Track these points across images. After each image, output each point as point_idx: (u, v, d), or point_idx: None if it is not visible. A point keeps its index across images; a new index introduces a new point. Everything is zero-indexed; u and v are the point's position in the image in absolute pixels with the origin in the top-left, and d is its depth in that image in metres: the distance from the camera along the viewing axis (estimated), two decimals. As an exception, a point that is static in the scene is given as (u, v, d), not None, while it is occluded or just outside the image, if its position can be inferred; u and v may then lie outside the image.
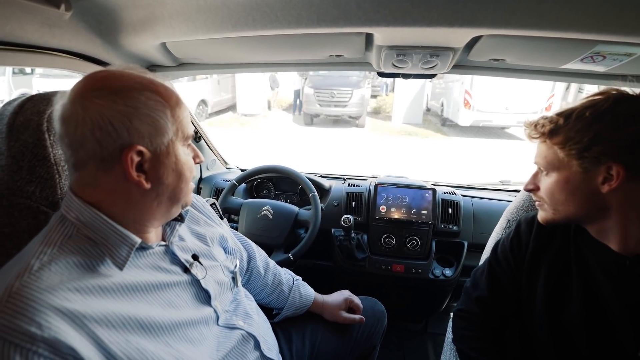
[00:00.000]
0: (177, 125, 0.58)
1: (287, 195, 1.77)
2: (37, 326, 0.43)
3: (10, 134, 0.64)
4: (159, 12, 0.87)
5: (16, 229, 0.64)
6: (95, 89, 0.52)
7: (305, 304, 1.03)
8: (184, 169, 0.60)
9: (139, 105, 0.53)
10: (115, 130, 0.51)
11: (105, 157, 0.52)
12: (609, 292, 0.68)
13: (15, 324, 0.42)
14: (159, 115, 0.55)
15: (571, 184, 0.67)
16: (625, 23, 0.72)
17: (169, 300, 0.60)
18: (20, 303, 0.44)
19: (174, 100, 0.58)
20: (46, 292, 0.46)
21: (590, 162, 0.63)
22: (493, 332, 0.85)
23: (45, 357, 0.43)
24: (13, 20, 0.74)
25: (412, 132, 8.66)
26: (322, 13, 0.80)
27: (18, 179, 0.64)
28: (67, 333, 0.45)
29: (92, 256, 0.53)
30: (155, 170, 0.56)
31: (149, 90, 0.55)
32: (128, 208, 0.56)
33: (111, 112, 0.51)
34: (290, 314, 1.02)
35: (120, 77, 0.54)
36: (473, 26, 0.78)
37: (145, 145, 0.54)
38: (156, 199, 0.58)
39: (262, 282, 1.00)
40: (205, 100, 9.21)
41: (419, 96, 9.47)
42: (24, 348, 0.42)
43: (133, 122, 0.52)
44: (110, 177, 0.54)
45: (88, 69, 0.99)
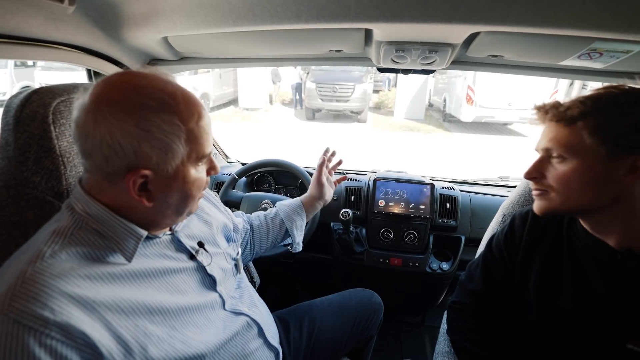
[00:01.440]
0: (192, 147, 0.56)
1: (287, 189, 1.79)
2: (50, 311, 0.45)
3: (17, 125, 0.65)
4: (161, 6, 0.88)
5: (23, 218, 0.65)
6: (111, 104, 0.50)
7: (296, 205, 1.08)
8: (192, 189, 0.59)
9: (152, 128, 0.51)
10: (122, 151, 0.50)
11: (110, 172, 0.52)
12: (599, 285, 0.69)
13: (29, 308, 0.44)
14: (172, 140, 0.53)
15: (592, 173, 0.63)
16: (621, 20, 0.73)
17: (176, 286, 0.62)
18: (33, 288, 0.45)
19: (194, 120, 0.55)
20: (58, 279, 0.48)
21: (621, 150, 0.60)
22: (486, 323, 0.87)
23: (57, 340, 0.45)
24: (18, 14, 0.75)
25: (413, 128, 8.65)
26: (322, 8, 0.81)
27: (25, 169, 0.66)
28: (79, 318, 0.47)
29: (100, 247, 0.54)
30: (160, 191, 0.56)
31: (167, 110, 0.52)
32: (131, 215, 0.57)
33: (121, 133, 0.50)
34: (298, 224, 1.06)
35: (141, 89, 0.52)
36: (470, 22, 0.79)
37: (152, 169, 0.53)
38: (159, 214, 0.59)
39: (267, 231, 1.04)
40: (207, 94, 9.21)
41: (421, 91, 9.44)
42: (37, 331, 0.44)
43: (142, 146, 0.51)
44: (114, 188, 0.54)
45: (91, 63, 1.00)
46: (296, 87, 9.96)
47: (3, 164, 0.67)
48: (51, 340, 0.44)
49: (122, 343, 0.51)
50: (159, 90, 0.53)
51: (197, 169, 0.60)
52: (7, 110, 0.67)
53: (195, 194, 0.61)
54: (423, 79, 9.20)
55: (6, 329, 0.43)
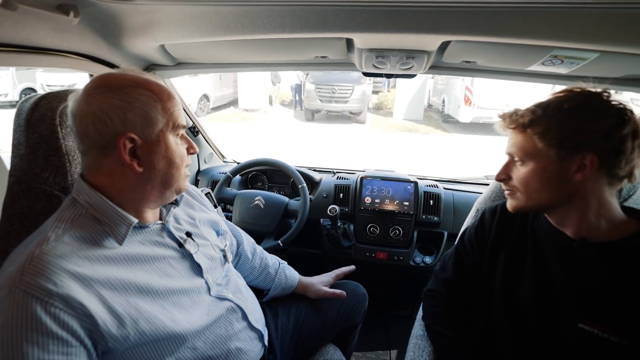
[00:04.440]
0: (167, 117, 0.66)
1: (279, 187, 1.86)
2: (53, 284, 0.53)
3: (28, 127, 0.73)
4: (158, 17, 0.96)
5: (33, 210, 0.73)
6: (97, 87, 0.62)
7: (290, 284, 1.13)
8: (174, 156, 0.68)
9: (132, 100, 0.62)
10: (111, 121, 0.60)
11: (104, 144, 0.62)
12: (557, 272, 0.76)
13: (36, 281, 0.52)
14: (150, 109, 0.63)
15: (547, 173, 0.71)
16: (573, 32, 0.81)
17: (164, 270, 0.70)
18: (40, 266, 0.53)
19: (165, 95, 0.66)
20: (60, 258, 0.56)
21: (568, 151, 0.67)
22: (457, 310, 0.94)
23: (59, 309, 0.52)
24: (28, 26, 0.83)
25: (412, 129, 8.71)
26: (304, 20, 0.88)
27: (35, 166, 0.73)
28: (77, 291, 0.55)
29: (97, 232, 0.63)
30: (147, 156, 0.64)
31: (142, 87, 0.64)
32: (125, 189, 0.65)
33: (108, 106, 0.60)
34: (277, 294, 1.12)
35: (119, 77, 0.64)
36: (438, 33, 0.87)
37: (137, 134, 0.62)
38: (149, 183, 0.67)
39: (250, 265, 1.10)
40: (207, 95, 9.29)
41: (420, 92, 9.49)
42: (43, 300, 0.52)
43: (126, 114, 0.61)
44: (109, 160, 0.63)
45: (94, 69, 1.08)
46: (295, 88, 10.03)
47: (15, 161, 0.75)
48: (55, 309, 0.52)
49: (116, 316, 0.58)
50: (133, 77, 0.65)
51: (176, 140, 0.69)
52: (19, 113, 0.75)
53: (179, 163, 0.70)
54: (422, 81, 9.26)
55: (17, 298, 0.51)
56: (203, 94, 9.06)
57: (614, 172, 0.67)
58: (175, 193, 0.73)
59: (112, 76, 0.64)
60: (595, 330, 0.68)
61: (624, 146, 0.64)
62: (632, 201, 0.91)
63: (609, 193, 0.70)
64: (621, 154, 0.65)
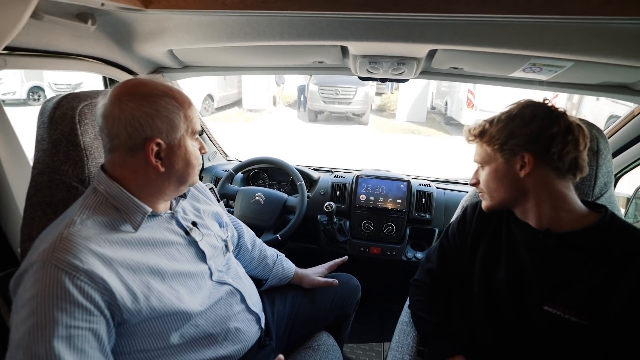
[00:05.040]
0: (188, 124, 0.74)
1: (280, 185, 1.94)
2: (80, 261, 0.61)
3: (51, 124, 0.81)
4: (167, 25, 1.04)
5: (54, 199, 0.81)
6: (129, 94, 0.69)
7: (287, 275, 1.21)
8: (191, 158, 0.77)
9: (160, 108, 0.70)
10: (141, 127, 0.68)
11: (133, 146, 0.69)
12: (526, 260, 0.83)
13: (65, 258, 0.60)
14: (174, 116, 0.71)
15: (499, 173, 0.83)
16: (546, 43, 0.89)
17: (173, 255, 0.78)
18: (68, 244, 0.61)
19: (186, 104, 0.75)
20: (85, 239, 0.64)
21: (509, 154, 0.80)
22: (440, 298, 1.01)
23: (84, 282, 0.60)
24: (51, 33, 0.92)
25: (415, 130, 8.77)
26: (301, 29, 0.97)
27: (56, 160, 0.81)
28: (99, 268, 0.63)
29: (116, 218, 0.71)
30: (169, 158, 0.73)
31: (167, 96, 0.71)
32: (145, 185, 0.74)
33: (139, 113, 0.68)
34: (275, 283, 1.19)
35: (147, 85, 0.71)
36: (424, 42, 0.95)
37: (163, 139, 0.70)
38: (167, 180, 0.75)
39: (250, 256, 1.18)
40: (212, 95, 9.40)
41: (423, 94, 9.55)
42: (71, 274, 0.59)
43: (155, 121, 0.69)
44: (135, 160, 0.71)
45: (107, 71, 1.17)
46: (300, 89, 10.12)
47: (39, 155, 0.83)
48: (80, 282, 0.60)
49: (131, 292, 0.66)
50: (159, 85, 0.73)
51: (193, 143, 0.78)
52: (43, 112, 0.84)
53: (194, 163, 0.78)
54: (425, 83, 9.31)
55: (49, 271, 0.59)
56: (207, 94, 9.17)
57: (555, 166, 0.76)
58: (188, 187, 0.82)
59: (141, 84, 0.72)
60: (558, 312, 0.75)
61: (553, 144, 0.74)
62: (604, 199, 0.97)
63: (563, 186, 0.78)
64: (553, 150, 0.75)
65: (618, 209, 1.00)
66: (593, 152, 0.94)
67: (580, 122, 0.78)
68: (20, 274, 0.62)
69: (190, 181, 0.80)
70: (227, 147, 2.19)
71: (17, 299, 0.60)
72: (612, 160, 0.99)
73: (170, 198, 0.82)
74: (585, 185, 0.96)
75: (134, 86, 0.71)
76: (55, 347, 0.55)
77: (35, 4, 0.71)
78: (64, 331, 0.57)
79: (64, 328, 0.57)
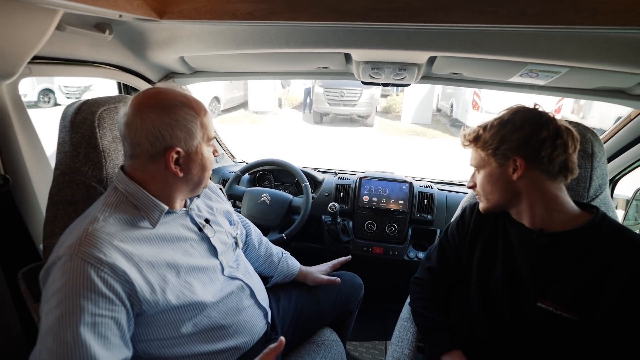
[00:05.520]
0: (204, 131, 0.79)
1: (285, 186, 1.99)
2: (103, 254, 0.66)
3: (72, 128, 0.87)
4: (179, 34, 1.10)
5: (74, 198, 0.87)
6: (150, 105, 0.74)
7: (291, 272, 1.25)
8: (207, 163, 0.82)
9: (179, 118, 0.75)
10: (162, 136, 0.73)
11: (154, 154, 0.74)
12: (521, 259, 0.87)
13: (90, 251, 0.65)
14: (192, 125, 0.76)
15: (493, 177, 0.87)
16: (541, 50, 0.92)
17: (187, 250, 0.83)
18: (93, 239, 0.67)
19: (202, 112, 0.79)
20: (108, 235, 0.69)
21: (502, 158, 0.84)
22: (440, 295, 1.05)
23: (108, 275, 0.65)
24: (71, 42, 0.98)
25: (420, 132, 8.78)
26: (306, 37, 1.01)
27: (76, 161, 0.87)
28: (121, 262, 0.68)
29: (135, 216, 0.76)
30: (187, 164, 0.78)
31: (186, 106, 0.76)
32: (163, 187, 0.79)
33: (160, 124, 0.73)
34: (280, 280, 1.24)
35: (167, 96, 0.76)
36: (423, 49, 0.99)
37: (181, 147, 0.75)
38: (185, 183, 0.81)
39: (256, 253, 1.23)
40: (218, 97, 9.50)
41: (428, 96, 9.56)
42: (95, 266, 0.65)
43: (174, 131, 0.74)
44: (155, 166, 0.76)
45: (123, 77, 1.23)
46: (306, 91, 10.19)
47: (61, 157, 0.89)
48: (104, 274, 0.65)
49: (149, 284, 0.71)
50: (178, 96, 0.77)
51: (208, 149, 0.83)
52: (64, 116, 0.89)
53: (209, 167, 0.84)
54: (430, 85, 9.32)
55: (76, 264, 0.64)
56: (214, 96, 9.27)
57: (545, 169, 0.80)
58: (202, 188, 0.87)
59: (161, 94, 0.76)
60: (550, 308, 0.79)
61: (543, 148, 0.78)
62: (598, 200, 1.00)
63: (554, 187, 0.82)
64: (543, 154, 0.78)
65: (613, 210, 1.03)
66: (588, 155, 0.97)
67: (569, 126, 0.81)
68: (49, 266, 0.68)
69: (204, 183, 0.85)
70: (234, 148, 2.25)
71: (47, 289, 0.65)
72: (606, 163, 1.02)
73: (186, 198, 0.87)
74: (581, 187, 1.00)
75: (155, 97, 0.76)
76: (81, 333, 0.60)
77: (59, 17, 0.77)
78: (89, 319, 0.62)
79: (89, 316, 0.62)
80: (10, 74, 0.81)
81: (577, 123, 0.98)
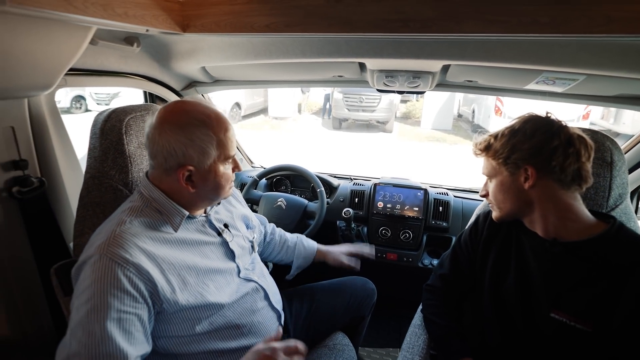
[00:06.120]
0: (220, 150, 0.80)
1: (301, 191, 2.02)
2: (130, 255, 0.71)
3: (102, 135, 0.93)
4: (201, 45, 1.16)
5: (103, 199, 0.93)
6: (170, 122, 0.77)
7: (310, 252, 1.28)
8: (221, 180, 0.83)
9: (194, 138, 0.76)
10: (175, 154, 0.76)
11: (167, 168, 0.78)
12: (534, 268, 0.86)
13: (118, 251, 0.70)
14: (207, 145, 0.78)
15: (505, 186, 0.87)
16: (555, 58, 0.92)
17: (205, 253, 0.87)
18: (120, 241, 0.72)
19: (222, 132, 0.80)
20: (134, 237, 0.74)
21: (513, 167, 0.84)
22: (452, 302, 1.05)
23: (133, 274, 0.70)
24: (103, 55, 1.06)
25: (440, 138, 8.64)
26: (321, 48, 1.05)
27: (105, 165, 0.93)
28: (145, 262, 0.72)
29: (158, 220, 0.81)
30: (199, 182, 0.80)
31: (204, 125, 0.78)
32: (180, 198, 0.83)
33: (175, 141, 0.76)
34: (300, 263, 1.27)
35: (187, 114, 0.78)
36: (436, 58, 1.00)
37: (194, 165, 0.78)
38: (199, 198, 0.85)
39: (272, 242, 1.27)
40: (239, 103, 9.69)
41: (449, 102, 9.40)
42: (122, 266, 0.69)
43: (188, 150, 0.76)
44: (170, 179, 0.80)
45: (149, 87, 1.31)
46: (325, 96, 10.27)
47: (91, 161, 0.95)
48: (129, 273, 0.70)
49: (170, 284, 0.76)
50: (199, 113, 0.79)
51: (225, 166, 0.84)
52: (95, 124, 0.96)
53: (224, 185, 0.85)
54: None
55: (105, 263, 0.69)
56: (235, 102, 9.46)
57: (558, 178, 0.78)
58: (221, 199, 0.91)
59: (183, 112, 0.78)
60: (564, 319, 0.78)
61: (554, 157, 0.77)
62: (618, 210, 0.98)
63: (568, 197, 0.81)
64: (554, 163, 0.77)
65: (635, 221, 0.99)
66: (607, 163, 0.95)
67: (582, 134, 0.80)
68: (80, 264, 0.73)
69: (221, 197, 0.88)
70: (253, 154, 2.31)
71: (78, 286, 0.70)
72: (627, 172, 1.00)
73: (205, 208, 0.92)
74: (599, 196, 0.98)
75: (176, 113, 0.78)
76: (107, 327, 0.65)
77: (93, 32, 0.83)
78: (115, 314, 0.67)
79: (115, 311, 0.67)
80: (49, 85, 0.88)
81: (594, 131, 0.96)
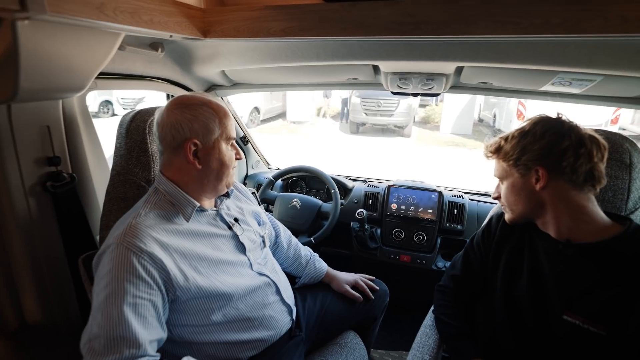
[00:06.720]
0: (222, 130, 0.87)
1: (316, 192, 2.06)
2: (144, 244, 0.75)
3: (127, 134, 0.99)
4: (220, 50, 1.21)
5: (127, 195, 0.99)
6: (176, 105, 0.85)
7: (319, 274, 1.30)
8: (225, 158, 0.89)
9: (198, 114, 0.84)
10: (182, 129, 0.82)
11: (175, 146, 0.84)
12: (547, 269, 0.85)
13: (133, 241, 0.75)
14: (210, 121, 0.85)
15: (516, 187, 0.87)
16: (570, 59, 0.91)
17: (217, 245, 0.91)
18: (135, 231, 0.77)
19: (222, 113, 0.88)
20: (148, 228, 0.79)
21: (523, 168, 0.84)
22: (463, 303, 1.04)
23: (147, 262, 0.75)
24: (129, 60, 1.12)
25: (459, 143, 8.49)
26: (335, 51, 1.08)
27: (130, 163, 0.99)
28: (158, 251, 0.77)
29: (171, 212, 0.86)
30: (205, 157, 0.86)
31: (206, 105, 0.86)
32: (189, 181, 0.88)
33: (181, 118, 0.82)
34: (307, 281, 1.29)
35: (191, 97, 0.87)
36: (449, 60, 1.01)
37: (199, 140, 0.84)
38: (206, 177, 0.89)
39: (285, 254, 1.29)
40: (258, 107, 9.87)
41: (469, 106, 9.22)
42: (137, 254, 0.74)
43: (193, 125, 0.83)
44: (178, 158, 0.85)
45: (171, 90, 1.38)
46: (343, 101, 10.30)
47: (117, 159, 1.02)
48: (144, 261, 0.74)
49: (182, 273, 0.80)
50: (201, 98, 0.88)
51: (227, 147, 0.90)
52: (121, 124, 1.02)
53: (229, 164, 0.90)
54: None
55: (121, 251, 0.74)
56: (254, 107, 9.64)
57: (570, 179, 0.78)
58: (225, 187, 0.94)
59: (187, 97, 0.88)
60: (577, 321, 0.77)
61: (565, 157, 0.77)
62: (639, 214, 0.95)
63: (581, 198, 0.79)
64: (565, 163, 0.77)
65: (656, 224, 0.97)
66: (625, 165, 0.94)
67: (594, 134, 0.79)
68: (100, 253, 0.79)
69: (225, 180, 0.92)
70: (271, 156, 2.36)
71: (98, 273, 0.76)
72: None
73: (212, 196, 0.95)
74: (618, 198, 0.96)
75: (181, 98, 0.87)
76: (124, 311, 0.70)
77: (122, 38, 0.89)
78: (131, 299, 0.71)
79: (131, 297, 0.71)
80: (81, 87, 0.95)
81: (612, 132, 0.95)
